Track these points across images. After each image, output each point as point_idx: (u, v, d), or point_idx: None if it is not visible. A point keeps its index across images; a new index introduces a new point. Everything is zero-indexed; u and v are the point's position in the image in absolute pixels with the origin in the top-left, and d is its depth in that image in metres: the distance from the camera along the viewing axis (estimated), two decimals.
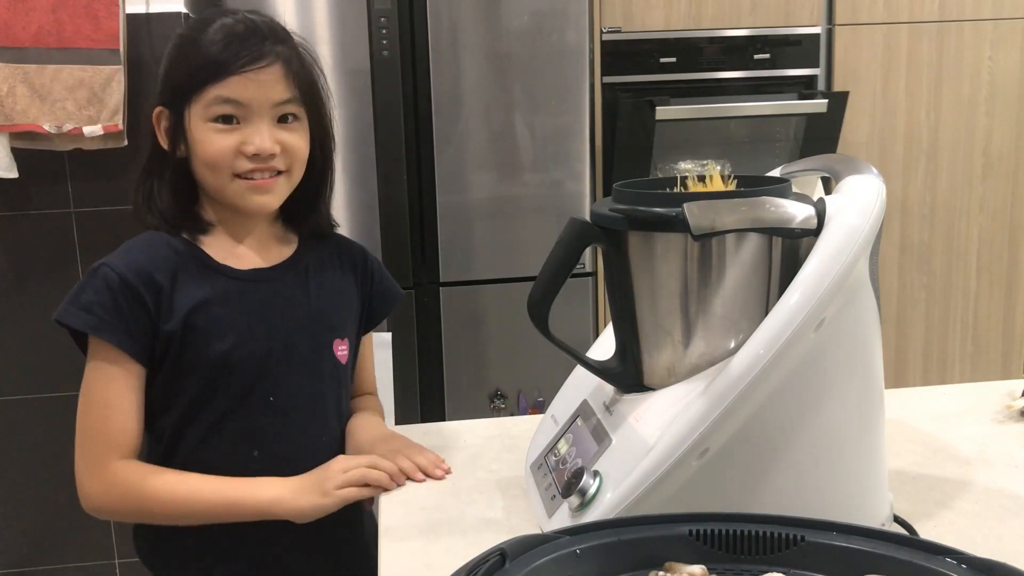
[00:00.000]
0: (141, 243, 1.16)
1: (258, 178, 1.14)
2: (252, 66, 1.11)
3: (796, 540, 0.69)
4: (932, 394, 1.41)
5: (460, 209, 2.48)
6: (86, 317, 1.10)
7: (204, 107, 1.12)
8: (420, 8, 2.38)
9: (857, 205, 0.87)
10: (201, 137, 1.12)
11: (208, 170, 1.14)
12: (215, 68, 1.11)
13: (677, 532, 0.71)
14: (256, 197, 1.16)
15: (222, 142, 1.12)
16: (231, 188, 1.15)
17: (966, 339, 2.87)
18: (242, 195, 1.15)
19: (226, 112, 1.12)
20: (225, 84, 1.11)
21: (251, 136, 1.12)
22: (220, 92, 1.11)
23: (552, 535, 0.69)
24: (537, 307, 0.95)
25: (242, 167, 1.13)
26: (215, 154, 1.12)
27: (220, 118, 1.12)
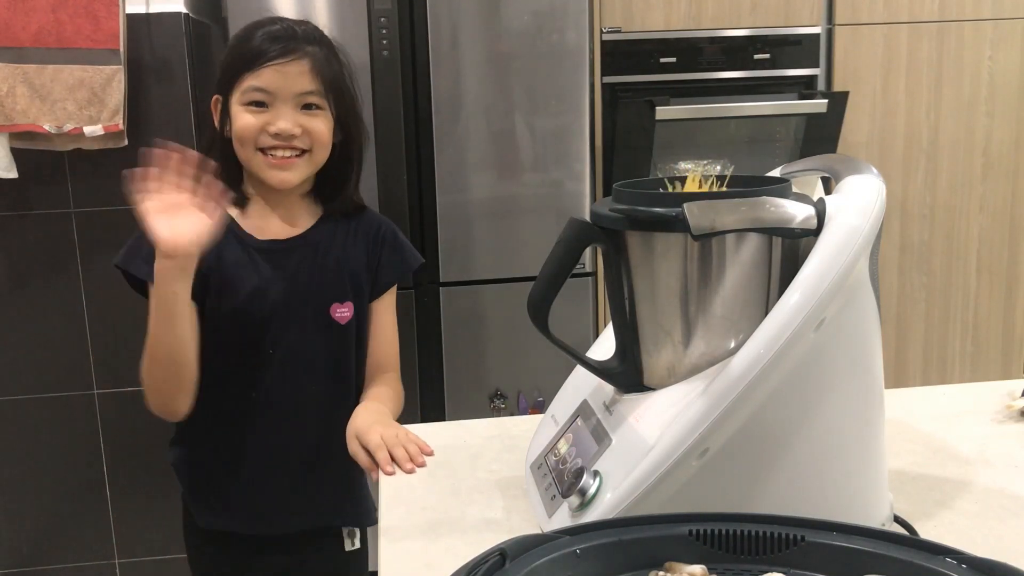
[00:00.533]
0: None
1: (279, 156, 1.35)
2: (281, 60, 1.33)
3: (796, 540, 0.69)
4: (932, 394, 1.41)
5: (460, 209, 2.48)
6: (148, 269, 1.25)
7: (241, 93, 1.34)
8: (420, 8, 2.38)
9: (857, 205, 0.87)
10: (236, 117, 1.34)
11: (239, 144, 1.35)
12: (250, 61, 1.33)
13: (677, 532, 0.71)
14: (276, 173, 1.36)
15: (250, 120, 1.34)
16: (255, 161, 1.36)
17: (966, 339, 2.87)
18: (263, 169, 1.36)
19: (256, 98, 1.34)
20: (258, 75, 1.33)
21: (275, 118, 1.34)
22: (253, 82, 1.33)
23: (552, 535, 0.69)
24: (537, 307, 0.95)
25: (265, 142, 1.34)
26: (243, 129, 1.34)
27: (252, 103, 1.34)
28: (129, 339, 2.26)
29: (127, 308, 2.31)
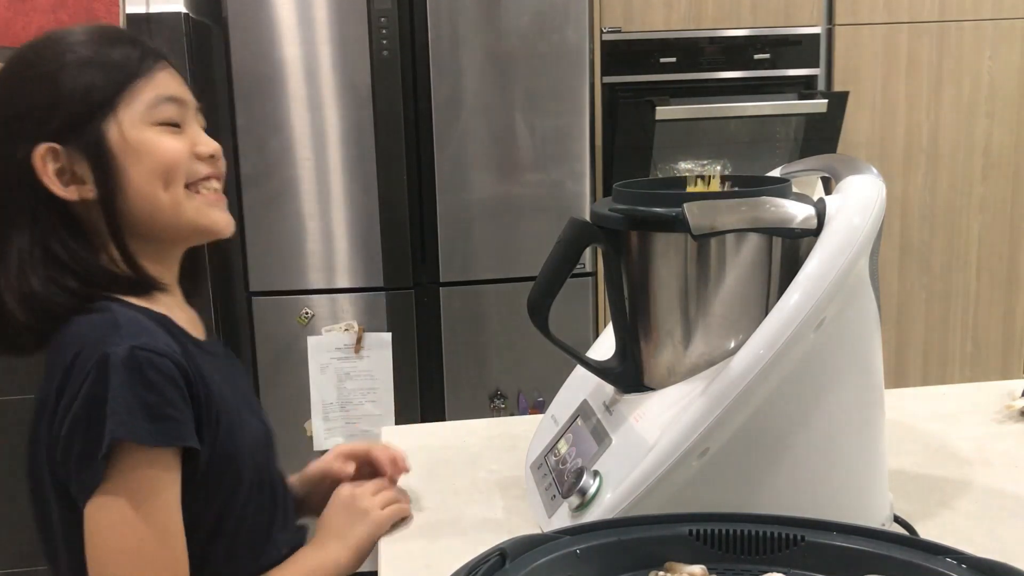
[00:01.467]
0: (129, 317, 0.91)
1: (214, 190, 1.00)
2: (162, 62, 0.98)
3: (796, 540, 0.69)
4: (932, 394, 1.41)
5: (460, 209, 2.48)
6: (167, 427, 0.87)
7: (145, 110, 0.95)
8: (420, 8, 2.37)
9: (857, 205, 0.87)
10: (151, 144, 0.94)
11: (160, 183, 0.95)
12: (137, 64, 0.95)
13: (677, 532, 0.71)
14: (221, 213, 1.01)
15: (176, 144, 0.96)
16: (188, 205, 0.97)
17: (966, 339, 2.87)
18: (203, 212, 0.99)
19: (171, 114, 0.96)
20: (156, 81, 0.96)
21: (198, 137, 0.99)
22: (158, 90, 0.96)
23: (552, 535, 0.69)
24: (537, 307, 0.95)
25: (199, 171, 0.98)
26: (173, 158, 0.95)
27: (166, 122, 0.96)
28: None
29: None
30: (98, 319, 0.90)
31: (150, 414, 0.85)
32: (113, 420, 0.83)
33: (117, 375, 0.84)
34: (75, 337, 0.89)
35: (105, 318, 0.90)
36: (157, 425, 0.85)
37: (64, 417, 0.86)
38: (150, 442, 0.85)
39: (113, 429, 0.83)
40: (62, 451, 0.87)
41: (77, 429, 0.85)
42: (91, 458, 0.84)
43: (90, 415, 0.84)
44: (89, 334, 0.88)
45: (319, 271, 2.47)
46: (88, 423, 0.84)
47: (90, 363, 0.85)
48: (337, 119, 2.40)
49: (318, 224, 2.44)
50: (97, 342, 0.86)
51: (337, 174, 2.42)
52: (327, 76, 2.38)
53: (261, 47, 2.35)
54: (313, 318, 2.47)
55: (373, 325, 2.49)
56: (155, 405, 0.85)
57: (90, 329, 0.89)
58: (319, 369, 2.49)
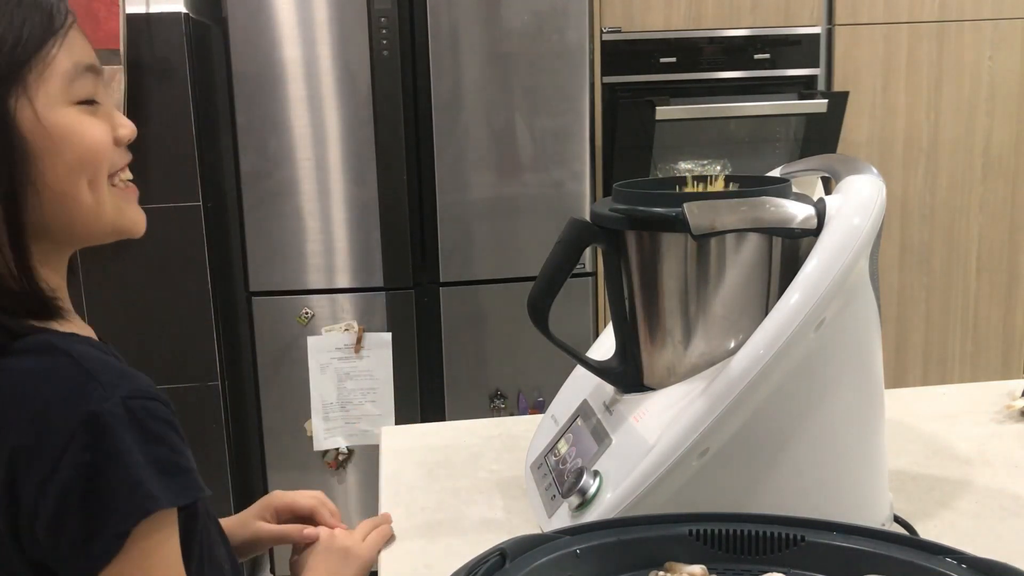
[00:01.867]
0: (90, 356, 0.75)
1: (128, 179, 0.84)
2: (70, 18, 0.78)
3: (796, 540, 0.69)
4: (932, 394, 1.41)
5: (460, 209, 2.48)
6: (185, 481, 0.76)
7: (63, 83, 0.75)
8: (420, 8, 2.38)
9: (857, 205, 0.87)
10: (73, 130, 0.76)
11: (83, 179, 0.77)
12: (48, 20, 0.75)
13: (677, 532, 0.71)
14: (137, 211, 0.85)
15: (99, 128, 0.78)
16: (110, 201, 0.81)
17: (966, 339, 2.87)
18: (122, 211, 0.82)
19: (91, 89, 0.78)
20: (71, 44, 0.77)
21: (114, 117, 0.81)
22: (76, 57, 0.77)
23: (552, 535, 0.69)
24: (537, 307, 0.95)
25: (118, 162, 0.82)
26: (99, 147, 0.78)
27: (85, 100, 0.78)
28: (128, 339, 2.26)
29: (126, 307, 2.31)
30: (48, 364, 0.73)
31: (167, 471, 0.74)
32: (135, 492, 0.71)
33: (119, 437, 0.71)
34: (19, 390, 0.72)
35: (58, 363, 0.73)
36: (175, 481, 0.74)
37: (40, 492, 0.70)
38: (174, 504, 0.74)
39: (140, 502, 0.71)
40: (46, 530, 0.71)
41: (70, 505, 0.70)
42: (96, 537, 0.71)
43: (89, 487, 0.70)
44: (46, 386, 0.72)
45: (319, 271, 2.47)
46: (86, 497, 0.70)
47: (70, 425, 0.70)
48: (337, 119, 2.40)
49: (318, 224, 2.44)
50: (68, 397, 0.71)
51: (337, 174, 2.42)
52: (327, 76, 2.38)
53: (261, 47, 2.35)
54: (313, 318, 2.47)
55: (373, 325, 2.49)
56: (169, 460, 0.74)
57: (45, 379, 0.72)
58: (319, 369, 2.49)
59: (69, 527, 0.71)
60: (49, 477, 0.70)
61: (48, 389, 0.71)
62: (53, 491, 0.70)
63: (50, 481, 0.70)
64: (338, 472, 2.53)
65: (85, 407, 0.70)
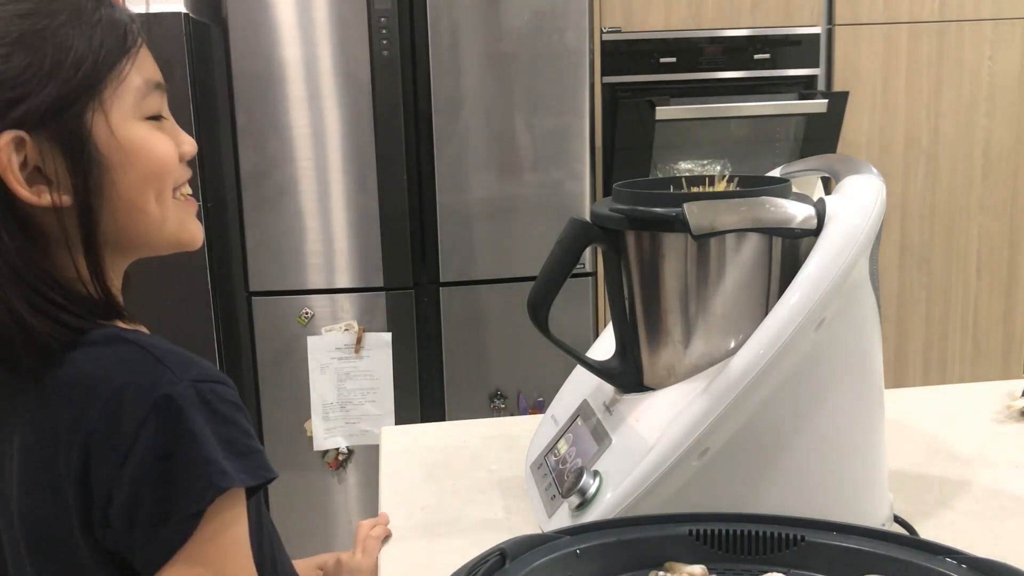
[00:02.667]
0: (159, 345, 0.78)
1: (188, 193, 0.87)
2: (141, 37, 0.82)
3: (796, 540, 0.69)
4: (932, 394, 1.41)
5: (460, 209, 2.48)
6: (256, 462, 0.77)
7: (135, 99, 0.79)
8: (420, 8, 2.37)
9: (857, 205, 0.87)
10: (144, 145, 0.79)
11: (151, 192, 0.80)
12: (123, 38, 0.79)
13: (677, 532, 0.71)
14: (197, 224, 0.88)
15: (167, 143, 0.82)
16: (174, 214, 0.83)
17: (966, 339, 2.87)
18: (184, 224, 0.85)
19: (158, 106, 0.82)
20: (141, 62, 0.80)
21: (177, 133, 0.85)
22: (146, 74, 0.80)
23: (552, 535, 0.69)
24: (537, 307, 0.95)
25: (182, 177, 0.85)
26: (167, 162, 0.81)
27: (153, 116, 0.81)
28: None
29: (126, 307, 2.30)
30: (118, 353, 0.76)
31: (238, 452, 0.75)
32: (210, 469, 0.72)
33: (191, 418, 0.72)
34: (91, 378, 0.74)
35: (129, 351, 0.76)
36: (247, 462, 0.75)
37: (115, 477, 0.71)
38: (246, 483, 0.75)
39: (214, 480, 0.72)
40: (121, 515, 0.72)
41: (144, 487, 0.71)
42: (170, 518, 0.71)
43: (162, 469, 0.71)
44: (118, 372, 0.74)
45: (319, 271, 2.47)
46: (161, 479, 0.71)
47: (143, 409, 0.71)
48: (337, 119, 2.40)
49: (318, 224, 2.44)
50: (140, 382, 0.73)
51: (337, 174, 2.42)
52: (327, 76, 2.38)
53: (261, 47, 2.35)
54: (313, 318, 2.47)
55: (373, 325, 2.49)
56: (239, 441, 0.76)
57: (117, 366, 0.74)
58: (319, 369, 2.49)
59: (144, 510, 0.71)
60: (124, 461, 0.71)
61: (119, 375, 0.73)
62: (128, 475, 0.71)
63: (124, 465, 0.71)
64: (338, 472, 2.53)
65: (157, 391, 0.72)
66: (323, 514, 2.56)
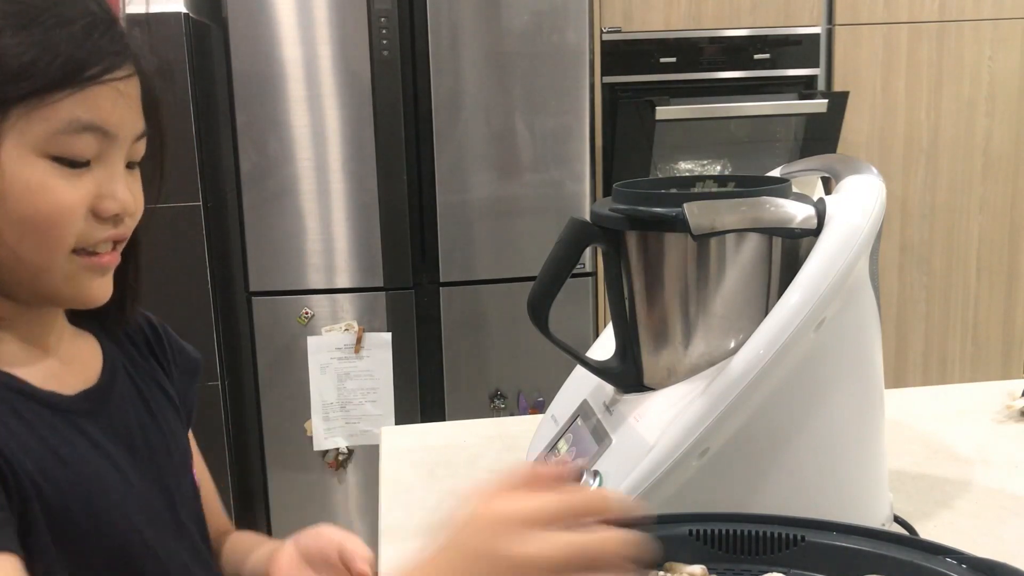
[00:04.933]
0: None
1: (103, 251, 0.74)
2: (121, 72, 0.72)
3: (796, 540, 0.69)
4: (932, 394, 1.41)
5: (460, 209, 2.48)
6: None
7: (47, 136, 0.68)
8: (420, 8, 2.37)
9: (857, 205, 0.87)
10: (29, 183, 0.67)
11: (32, 239, 0.69)
12: (74, 67, 0.68)
13: (677, 532, 0.71)
14: (97, 281, 0.75)
15: (69, 194, 0.69)
16: (62, 269, 0.72)
17: (966, 339, 2.87)
18: (76, 279, 0.73)
19: (80, 149, 0.69)
20: (86, 98, 0.69)
21: (108, 185, 0.72)
22: (82, 113, 0.69)
23: None
24: (537, 307, 0.94)
25: (93, 236, 0.72)
26: (59, 213, 0.69)
27: (64, 158, 0.69)
28: None
29: None
30: None
31: None
32: None
33: None
34: None
35: None
36: None
37: None
38: None
39: None
40: None
41: None
42: None
43: None
44: None
45: (319, 271, 2.47)
46: None
47: None
48: (337, 119, 2.40)
49: (318, 224, 2.44)
50: None
51: (337, 174, 2.42)
52: (327, 76, 2.38)
53: (261, 47, 2.35)
54: (313, 318, 2.47)
55: (373, 325, 2.49)
56: None
57: None
58: (319, 369, 2.49)
59: None
60: None
61: None
62: None
63: None
64: (338, 472, 2.53)
65: None
66: (323, 514, 2.55)
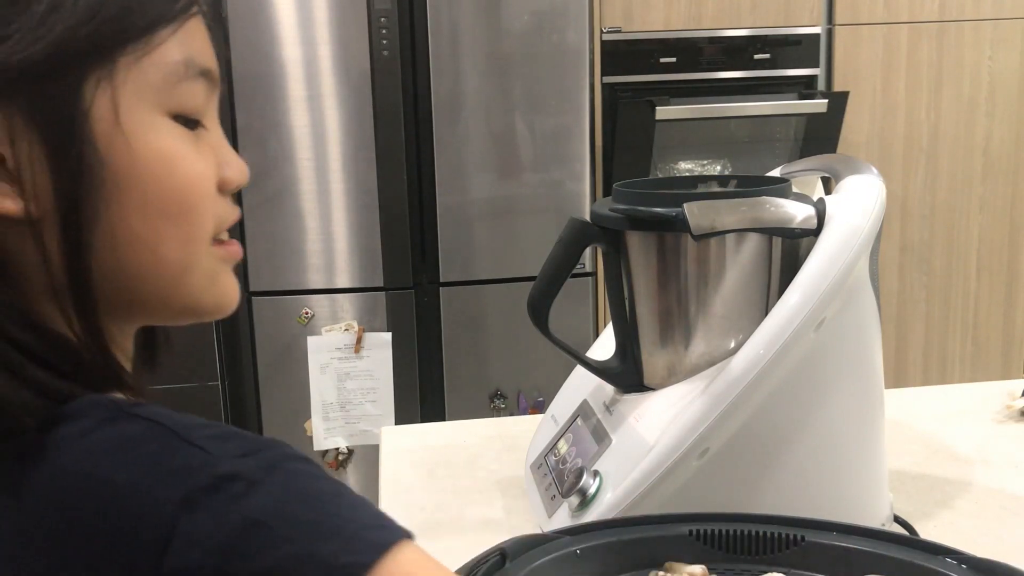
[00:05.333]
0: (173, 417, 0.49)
1: (226, 239, 0.59)
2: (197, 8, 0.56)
3: (796, 540, 0.69)
4: (932, 394, 1.41)
5: (460, 209, 2.48)
6: (387, 521, 0.52)
7: (164, 81, 0.52)
8: (420, 8, 2.38)
9: (857, 205, 0.87)
10: (162, 152, 0.52)
11: (173, 229, 0.53)
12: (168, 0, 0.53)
13: (677, 532, 0.71)
14: (232, 279, 0.59)
15: (200, 163, 0.55)
16: (205, 266, 0.56)
17: (966, 339, 2.87)
18: (218, 278, 0.58)
19: (197, 101, 0.56)
20: (190, 36, 0.54)
21: (223, 150, 0.58)
22: (189, 51, 0.54)
23: (552, 535, 0.69)
24: (537, 307, 0.94)
25: (227, 218, 0.58)
26: (198, 188, 0.54)
27: (183, 117, 0.54)
28: None
29: None
30: (117, 434, 0.47)
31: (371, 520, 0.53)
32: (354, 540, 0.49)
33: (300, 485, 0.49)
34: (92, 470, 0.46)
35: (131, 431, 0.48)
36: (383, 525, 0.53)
37: None
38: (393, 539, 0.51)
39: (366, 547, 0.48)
40: None
41: None
42: None
43: None
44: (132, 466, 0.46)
45: (319, 271, 2.47)
46: None
47: None
48: (337, 119, 2.40)
49: (318, 224, 2.44)
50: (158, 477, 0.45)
51: (337, 174, 2.42)
52: (327, 76, 2.38)
53: (261, 47, 2.35)
54: (313, 318, 2.47)
55: (373, 325, 2.49)
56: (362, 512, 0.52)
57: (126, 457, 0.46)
58: (319, 369, 2.49)
59: None
60: None
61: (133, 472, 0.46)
62: None
63: None
64: (338, 472, 2.53)
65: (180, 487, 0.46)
66: None
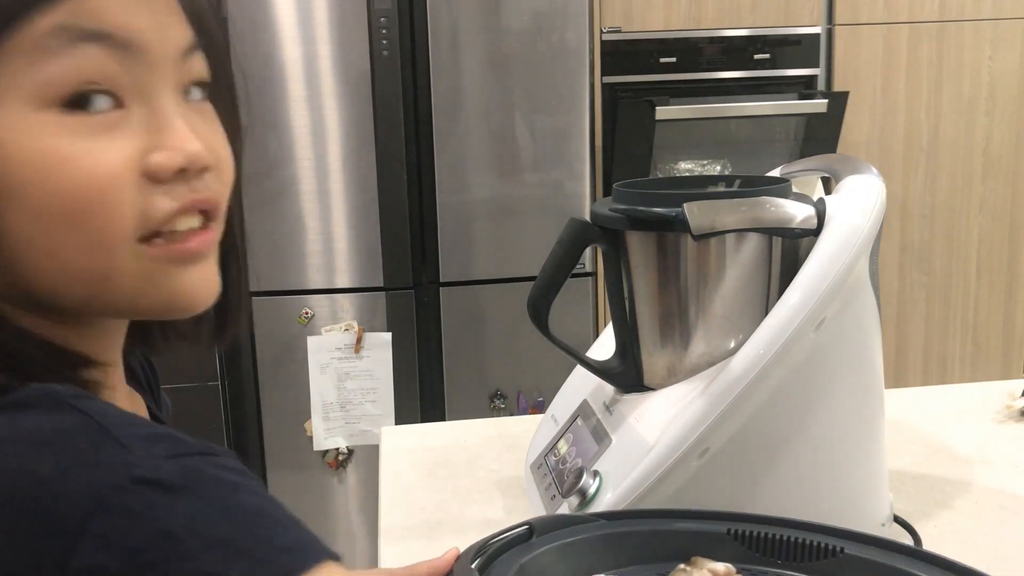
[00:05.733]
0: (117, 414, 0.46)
1: (189, 227, 0.51)
2: None
3: (835, 551, 0.68)
4: (932, 394, 1.41)
5: (460, 209, 2.48)
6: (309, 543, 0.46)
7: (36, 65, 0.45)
8: (420, 8, 2.37)
9: (857, 205, 0.87)
10: (42, 153, 0.45)
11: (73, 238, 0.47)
12: None
13: (715, 529, 0.70)
14: (190, 276, 0.52)
15: (102, 154, 0.47)
16: (130, 270, 0.49)
17: (966, 339, 2.87)
18: (156, 280, 0.51)
19: (89, 72, 0.46)
20: (81, 4, 0.45)
21: (158, 128, 0.49)
22: (71, 15, 0.45)
23: (586, 516, 0.69)
24: (537, 307, 0.94)
25: (159, 208, 0.49)
26: (94, 186, 0.46)
27: (76, 99, 0.46)
28: None
29: None
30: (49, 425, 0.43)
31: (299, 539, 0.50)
32: None
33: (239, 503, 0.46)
34: None
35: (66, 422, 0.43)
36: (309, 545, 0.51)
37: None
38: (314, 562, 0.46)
39: None
40: None
41: None
42: None
43: None
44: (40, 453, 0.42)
45: (319, 271, 2.47)
46: None
47: None
48: (337, 119, 2.40)
49: (318, 224, 2.44)
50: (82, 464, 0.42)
51: (337, 174, 2.42)
52: (327, 76, 2.38)
53: (261, 47, 2.35)
54: (313, 318, 2.47)
55: (373, 325, 2.49)
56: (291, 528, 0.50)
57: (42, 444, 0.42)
58: (319, 369, 2.49)
59: None
60: None
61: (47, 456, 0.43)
62: None
63: None
64: (338, 472, 2.53)
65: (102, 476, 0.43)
66: (323, 514, 2.56)
